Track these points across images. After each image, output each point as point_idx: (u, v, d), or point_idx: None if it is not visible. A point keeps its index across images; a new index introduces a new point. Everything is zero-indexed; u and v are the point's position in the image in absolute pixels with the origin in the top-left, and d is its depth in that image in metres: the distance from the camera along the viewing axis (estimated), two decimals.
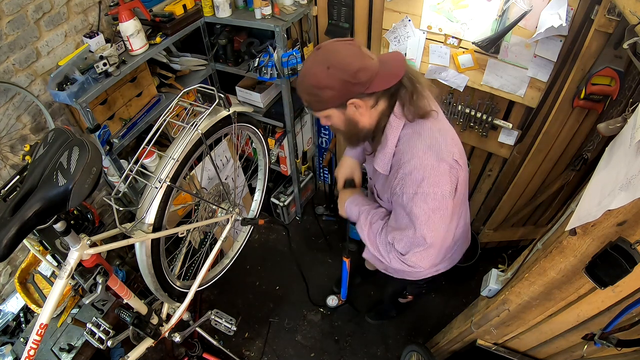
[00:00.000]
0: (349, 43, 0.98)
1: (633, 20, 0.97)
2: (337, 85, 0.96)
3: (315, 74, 0.97)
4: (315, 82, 0.97)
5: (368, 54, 0.98)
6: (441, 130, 1.04)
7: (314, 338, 2.25)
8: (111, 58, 1.63)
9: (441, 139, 1.01)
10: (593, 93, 1.46)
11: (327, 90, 0.97)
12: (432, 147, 0.99)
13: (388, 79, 0.99)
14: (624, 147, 0.82)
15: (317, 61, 0.97)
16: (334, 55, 0.95)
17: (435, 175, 0.98)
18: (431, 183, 0.98)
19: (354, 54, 0.95)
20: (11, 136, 1.65)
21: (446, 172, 1.00)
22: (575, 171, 1.73)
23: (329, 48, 0.97)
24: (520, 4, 1.46)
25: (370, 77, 0.96)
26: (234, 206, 1.82)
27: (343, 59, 0.94)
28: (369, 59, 0.96)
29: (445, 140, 1.02)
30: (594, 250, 0.83)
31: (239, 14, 2.01)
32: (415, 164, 0.99)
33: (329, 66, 0.94)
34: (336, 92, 0.97)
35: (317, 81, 0.97)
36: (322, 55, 0.96)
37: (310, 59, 0.99)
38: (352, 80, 0.95)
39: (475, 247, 2.35)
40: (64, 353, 1.59)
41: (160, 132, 1.24)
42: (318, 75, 0.96)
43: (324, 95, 0.98)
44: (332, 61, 0.94)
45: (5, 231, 0.82)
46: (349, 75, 0.94)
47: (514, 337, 1.36)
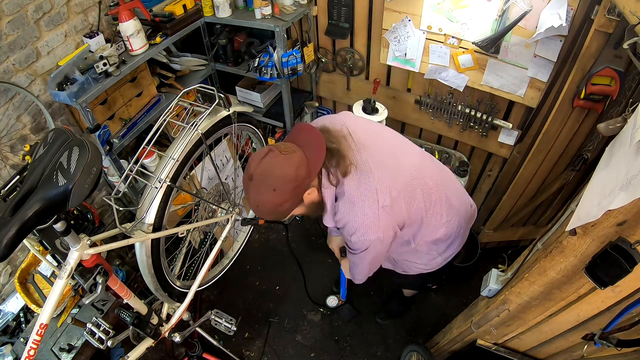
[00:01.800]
0: (271, 155, 1.02)
1: (633, 20, 0.97)
2: (291, 196, 1.04)
3: (266, 201, 1.03)
4: (271, 206, 1.04)
5: (290, 151, 1.03)
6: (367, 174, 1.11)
7: (314, 338, 2.25)
8: (111, 58, 1.63)
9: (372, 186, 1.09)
10: (593, 93, 1.46)
11: (284, 204, 1.05)
12: (359, 203, 1.09)
13: (317, 157, 1.07)
14: (624, 147, 0.82)
15: (260, 190, 1.02)
16: (269, 176, 1.01)
17: (364, 228, 1.11)
18: (360, 234, 1.12)
19: (282, 161, 1.01)
20: (11, 136, 1.65)
21: (376, 219, 1.10)
22: (575, 171, 1.73)
23: (260, 173, 1.01)
24: (520, 4, 1.46)
25: (306, 168, 1.04)
26: (234, 206, 1.82)
27: (280, 174, 1.01)
28: (295, 155, 1.03)
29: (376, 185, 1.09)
30: (594, 250, 0.83)
31: (239, 14, 2.01)
32: (346, 220, 1.13)
33: (274, 188, 1.01)
34: (292, 200, 1.06)
35: (272, 204, 1.04)
36: (259, 182, 1.02)
37: (252, 191, 1.04)
38: (298, 182, 1.03)
39: (475, 247, 2.35)
40: (64, 353, 1.59)
41: (160, 132, 1.24)
42: (269, 200, 1.03)
43: (284, 208, 1.07)
44: (272, 182, 1.01)
45: (5, 231, 0.82)
46: (294, 182, 1.02)
47: (514, 337, 1.36)
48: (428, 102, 2.07)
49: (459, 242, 1.47)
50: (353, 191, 1.10)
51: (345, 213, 1.12)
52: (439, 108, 2.07)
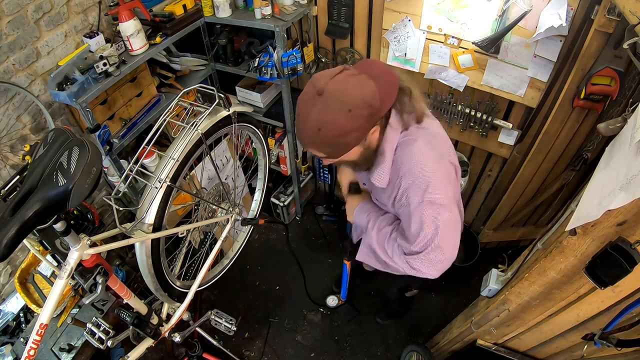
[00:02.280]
0: (347, 74, 0.88)
1: (633, 20, 0.97)
2: (363, 124, 0.89)
3: (335, 122, 0.86)
4: (339, 131, 0.88)
5: (365, 75, 0.90)
6: (435, 135, 1.03)
7: (314, 338, 2.25)
8: (111, 58, 1.63)
9: (436, 143, 1.00)
10: (593, 93, 1.46)
11: (353, 134, 0.89)
12: (429, 155, 0.97)
13: (389, 93, 0.94)
14: (624, 147, 0.82)
15: (331, 107, 0.85)
16: (346, 94, 0.85)
17: (438, 181, 0.96)
18: (435, 189, 0.96)
19: (359, 82, 0.87)
20: (11, 136, 1.65)
21: (446, 175, 0.99)
22: (575, 171, 1.73)
23: (335, 88, 0.85)
24: (520, 4, 1.46)
25: (379, 99, 0.90)
26: (234, 206, 1.82)
27: (358, 94, 0.86)
28: (370, 82, 0.89)
29: (439, 144, 1.01)
30: (594, 250, 0.83)
31: (239, 14, 2.01)
32: (416, 173, 0.96)
33: (350, 109, 0.85)
34: (362, 130, 0.91)
35: (340, 129, 0.87)
36: (333, 98, 0.85)
37: (318, 108, 0.86)
38: (374, 112, 0.89)
39: (475, 247, 2.35)
40: (64, 353, 1.59)
41: (160, 132, 1.24)
42: (340, 122, 0.86)
43: (350, 139, 0.91)
44: (350, 102, 0.85)
45: (5, 231, 0.82)
46: (370, 108, 0.88)
47: (514, 337, 1.36)
48: (428, 102, 2.07)
49: None
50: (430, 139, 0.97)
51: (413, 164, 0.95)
52: (439, 108, 2.07)
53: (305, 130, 0.90)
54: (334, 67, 0.90)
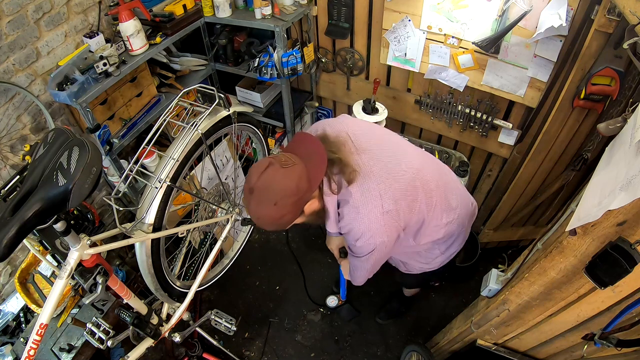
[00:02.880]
0: (272, 169, 1.01)
1: (633, 20, 0.97)
2: (291, 209, 1.04)
3: (267, 215, 1.03)
4: (271, 219, 1.04)
5: (291, 163, 1.02)
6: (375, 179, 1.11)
7: (314, 338, 2.25)
8: (111, 58, 1.63)
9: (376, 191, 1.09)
10: (593, 93, 1.46)
11: (285, 217, 1.05)
12: (363, 209, 1.09)
13: (319, 169, 1.06)
14: (624, 147, 0.82)
15: (261, 203, 1.02)
16: (270, 190, 1.00)
17: (369, 233, 1.11)
18: (366, 239, 1.13)
19: (284, 175, 1.00)
20: (11, 136, 1.65)
21: (382, 224, 1.10)
22: (575, 171, 1.73)
23: (261, 186, 1.00)
24: (520, 4, 1.46)
25: (308, 180, 1.03)
26: (234, 206, 1.82)
27: (280, 188, 0.99)
28: (296, 168, 1.02)
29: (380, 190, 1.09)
30: (594, 250, 0.83)
31: (239, 14, 2.01)
32: (350, 226, 1.13)
33: (274, 202, 1.00)
34: (293, 213, 1.05)
35: (273, 217, 1.04)
36: (260, 196, 1.01)
37: (252, 203, 1.03)
38: (299, 196, 1.02)
39: (475, 247, 2.35)
40: (64, 353, 1.59)
41: (160, 132, 1.24)
42: (270, 214, 1.03)
43: (285, 220, 1.06)
44: (273, 197, 1.00)
45: (5, 231, 0.82)
46: (294, 196, 1.01)
47: (514, 337, 1.36)
48: (428, 102, 2.07)
49: (460, 241, 1.47)
50: (357, 197, 1.10)
51: (350, 219, 1.12)
52: (439, 108, 2.07)
53: (251, 217, 1.08)
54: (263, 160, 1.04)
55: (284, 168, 1.01)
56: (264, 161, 1.03)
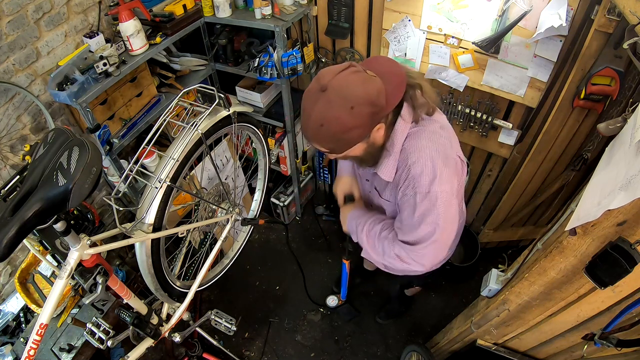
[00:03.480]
0: (352, 70, 0.88)
1: (633, 20, 0.97)
2: (366, 121, 0.89)
3: (337, 118, 0.87)
4: (340, 127, 0.88)
5: (371, 73, 0.90)
6: (443, 127, 1.04)
7: (314, 338, 2.25)
8: (111, 58, 1.63)
9: (445, 135, 1.01)
10: (593, 93, 1.46)
11: (355, 130, 0.89)
12: (438, 146, 0.98)
13: (396, 90, 0.94)
14: (624, 147, 0.82)
15: (333, 103, 0.85)
16: (350, 90, 0.85)
17: (445, 174, 0.97)
18: (442, 181, 0.96)
19: (364, 79, 0.87)
20: (11, 136, 1.65)
21: (454, 168, 1.00)
22: (575, 171, 1.73)
23: (338, 85, 0.85)
24: (520, 4, 1.46)
25: (385, 97, 0.90)
26: (234, 206, 1.82)
27: (362, 92, 0.86)
28: (376, 79, 0.89)
29: (449, 137, 1.03)
30: (594, 250, 0.83)
31: (239, 14, 2.01)
32: (424, 163, 0.96)
33: (352, 106, 0.85)
34: (365, 128, 0.91)
35: (342, 126, 0.87)
36: (336, 95, 0.85)
37: (321, 104, 0.86)
38: (377, 110, 0.89)
39: (475, 247, 2.35)
40: (64, 353, 1.59)
41: (160, 132, 1.24)
42: (342, 118, 0.87)
43: (352, 136, 0.91)
44: (353, 99, 0.85)
45: (5, 231, 0.82)
46: (373, 106, 0.87)
47: (514, 337, 1.36)
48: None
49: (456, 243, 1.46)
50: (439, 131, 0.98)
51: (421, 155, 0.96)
52: (439, 108, 2.06)
53: (309, 125, 0.91)
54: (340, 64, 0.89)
55: (365, 74, 0.88)
56: (340, 65, 0.89)
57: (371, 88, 0.87)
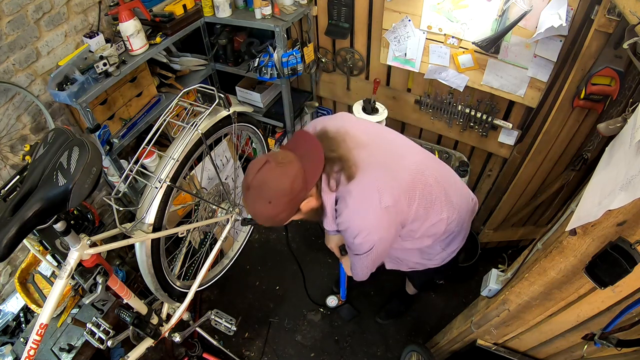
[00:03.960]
0: (267, 167, 1.02)
1: (633, 20, 0.97)
2: (286, 207, 1.06)
3: (262, 212, 1.06)
4: (267, 216, 1.07)
5: (287, 162, 1.03)
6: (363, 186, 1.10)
7: (314, 338, 2.25)
8: (111, 58, 1.63)
9: (374, 187, 1.08)
10: (593, 93, 1.45)
11: (280, 215, 1.07)
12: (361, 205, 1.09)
13: (315, 168, 1.07)
14: (624, 147, 0.82)
15: (256, 200, 1.05)
16: (265, 188, 1.02)
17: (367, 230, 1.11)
18: (363, 236, 1.12)
19: (279, 174, 1.01)
20: (11, 136, 1.65)
21: (379, 220, 1.10)
22: (575, 171, 1.73)
23: (257, 184, 1.02)
24: (520, 4, 1.46)
25: (303, 180, 1.04)
26: (234, 206, 1.82)
27: (275, 187, 1.01)
28: (291, 167, 1.03)
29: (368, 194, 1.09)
30: (594, 250, 0.83)
31: (239, 14, 2.01)
32: (348, 224, 1.12)
33: (269, 201, 1.03)
34: (287, 210, 1.07)
35: (268, 215, 1.07)
36: (256, 193, 1.04)
37: (249, 200, 1.06)
38: (293, 195, 1.04)
39: (475, 247, 2.35)
40: (64, 353, 1.58)
41: (160, 132, 1.24)
42: (265, 211, 1.06)
43: (280, 218, 1.09)
44: (268, 195, 1.02)
45: (5, 231, 0.82)
46: (289, 195, 1.03)
47: (514, 337, 1.36)
48: (428, 102, 2.07)
49: (461, 237, 1.47)
50: (355, 193, 1.10)
51: (348, 216, 1.12)
52: (439, 108, 2.07)
53: (249, 213, 1.10)
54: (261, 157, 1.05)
55: (280, 167, 1.02)
56: (261, 159, 1.05)
57: (286, 180, 1.02)
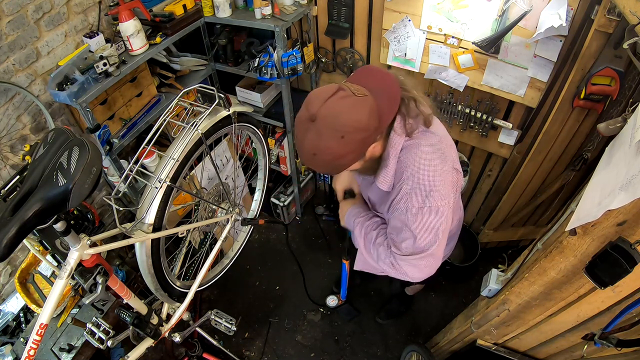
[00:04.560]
0: (340, 96, 0.86)
1: (633, 20, 0.97)
2: (357, 147, 0.90)
3: (329, 148, 0.87)
4: (333, 155, 0.88)
5: (361, 93, 0.88)
6: (441, 138, 1.01)
7: (314, 338, 2.25)
8: (111, 58, 1.63)
9: (441, 147, 0.98)
10: (593, 93, 1.46)
11: (348, 156, 0.90)
12: (434, 158, 0.96)
13: (390, 107, 0.92)
14: (624, 147, 0.83)
15: (323, 134, 0.86)
16: (339, 120, 0.84)
17: (440, 188, 0.95)
18: (437, 196, 0.95)
19: (353, 104, 0.85)
20: (11, 136, 1.65)
21: (449, 182, 0.98)
22: (575, 171, 1.73)
23: (327, 114, 0.85)
24: (520, 4, 1.46)
25: (378, 118, 0.89)
26: (234, 206, 1.82)
27: (351, 119, 0.85)
28: (367, 99, 0.88)
29: (444, 148, 0.99)
30: (594, 250, 0.83)
31: (239, 14, 2.01)
32: (419, 177, 0.95)
33: (342, 135, 0.85)
34: (358, 152, 0.91)
35: (334, 154, 0.88)
36: (325, 125, 0.85)
37: (311, 134, 0.87)
38: (369, 134, 0.89)
39: (475, 247, 2.35)
40: (64, 353, 1.58)
41: (160, 132, 1.24)
42: (333, 148, 0.87)
43: (346, 160, 0.91)
44: (342, 128, 0.84)
45: (5, 231, 0.82)
46: (364, 132, 0.87)
47: (514, 337, 1.36)
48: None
49: (450, 247, 1.46)
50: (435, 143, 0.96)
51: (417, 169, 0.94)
52: (439, 108, 2.06)
53: (302, 152, 0.92)
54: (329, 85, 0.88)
55: (356, 98, 0.85)
56: (330, 86, 0.87)
57: (361, 113, 0.85)
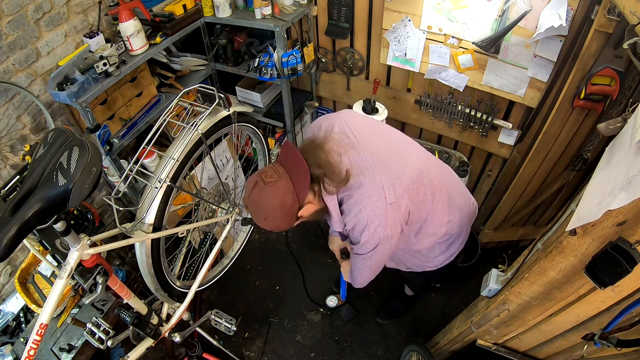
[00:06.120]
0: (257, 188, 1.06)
1: (633, 20, 0.97)
2: (284, 220, 1.11)
3: (263, 226, 1.13)
4: (269, 228, 1.14)
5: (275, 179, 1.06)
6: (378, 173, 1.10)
7: (314, 338, 2.25)
8: (111, 58, 1.63)
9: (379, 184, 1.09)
10: (593, 93, 1.45)
11: (280, 226, 1.13)
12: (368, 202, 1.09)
13: (303, 179, 1.08)
14: (624, 147, 0.82)
15: (255, 218, 1.12)
16: (259, 207, 1.09)
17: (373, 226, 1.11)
18: (370, 232, 1.12)
19: (268, 194, 1.06)
20: (11, 136, 1.65)
21: (386, 215, 1.10)
22: (575, 171, 1.73)
23: (251, 204, 1.10)
24: (520, 4, 1.46)
25: (292, 194, 1.07)
26: (234, 206, 1.82)
27: (266, 206, 1.07)
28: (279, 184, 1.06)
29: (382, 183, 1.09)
30: (594, 250, 0.83)
31: (239, 14, 2.01)
32: (355, 221, 1.13)
33: (265, 218, 1.10)
34: (286, 222, 1.12)
35: (269, 227, 1.14)
36: (253, 212, 1.12)
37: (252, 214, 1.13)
38: (287, 209, 1.08)
39: (475, 247, 2.35)
40: (64, 353, 1.58)
41: (160, 132, 1.24)
42: (265, 225, 1.13)
43: (283, 228, 1.15)
44: (262, 213, 1.09)
45: (5, 231, 0.82)
46: (281, 210, 1.07)
47: (514, 337, 1.36)
48: (428, 102, 2.07)
49: (460, 241, 1.47)
50: (360, 191, 1.10)
51: (355, 213, 1.13)
52: (439, 108, 2.07)
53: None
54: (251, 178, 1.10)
55: (267, 186, 1.06)
56: (252, 179, 1.10)
57: (273, 200, 1.06)
